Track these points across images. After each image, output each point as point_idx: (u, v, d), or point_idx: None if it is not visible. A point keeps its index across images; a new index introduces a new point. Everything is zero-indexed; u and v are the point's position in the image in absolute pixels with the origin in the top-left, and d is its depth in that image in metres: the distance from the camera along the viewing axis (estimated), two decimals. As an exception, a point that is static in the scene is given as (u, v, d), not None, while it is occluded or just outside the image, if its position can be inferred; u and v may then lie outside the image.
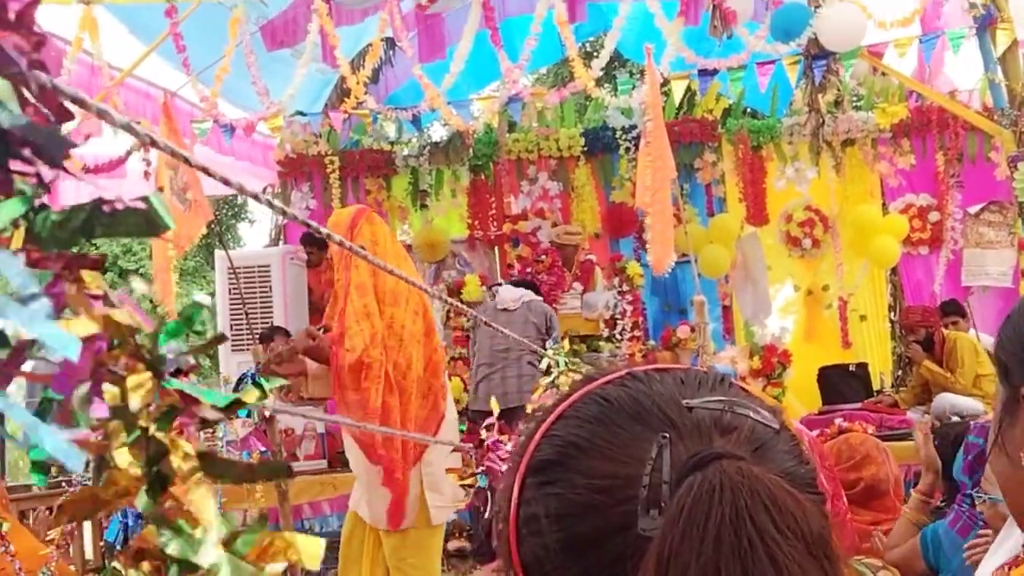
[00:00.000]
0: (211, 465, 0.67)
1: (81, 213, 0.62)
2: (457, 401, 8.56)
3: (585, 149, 11.27)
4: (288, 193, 11.35)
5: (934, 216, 11.14)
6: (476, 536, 8.12)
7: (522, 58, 8.75)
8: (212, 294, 11.38)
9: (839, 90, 10.22)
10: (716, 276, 10.82)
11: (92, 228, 0.63)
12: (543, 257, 10.21)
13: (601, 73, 9.02)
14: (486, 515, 2.42)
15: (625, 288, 10.14)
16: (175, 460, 0.66)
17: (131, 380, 0.65)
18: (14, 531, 4.35)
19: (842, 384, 9.73)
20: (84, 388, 0.61)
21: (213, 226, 8.70)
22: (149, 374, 0.67)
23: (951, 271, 11.07)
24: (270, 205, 1.62)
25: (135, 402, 0.65)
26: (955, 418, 6.97)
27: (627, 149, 11.03)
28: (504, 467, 2.43)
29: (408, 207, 11.45)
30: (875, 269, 11.34)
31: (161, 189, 7.09)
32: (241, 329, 9.47)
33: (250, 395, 0.77)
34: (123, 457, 0.65)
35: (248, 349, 8.73)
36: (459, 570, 7.60)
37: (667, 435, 0.79)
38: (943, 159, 11.10)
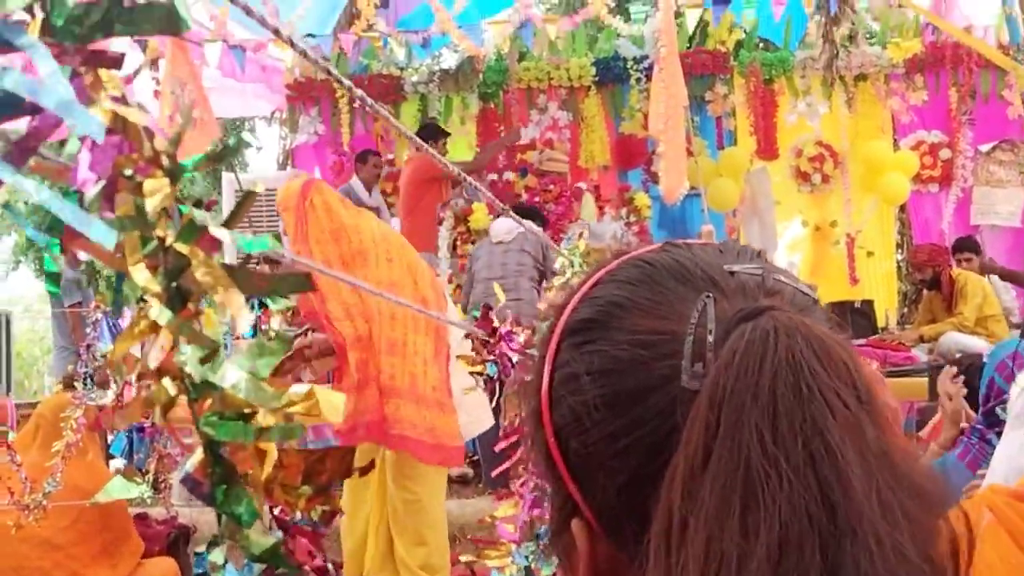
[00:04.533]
0: (234, 276, 0.65)
1: (100, 7, 0.59)
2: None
3: (596, 79, 11.15)
4: (296, 117, 11.27)
5: (945, 153, 11.05)
6: (480, 462, 8.16)
7: (535, -17, 8.66)
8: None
9: (853, 23, 10.10)
10: (724, 210, 10.76)
11: (111, 23, 0.60)
12: (551, 187, 10.15)
13: (613, 3, 8.94)
14: (493, 404, 2.42)
15: (632, 219, 10.10)
16: (197, 272, 0.64)
17: (148, 184, 0.63)
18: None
19: (847, 321, 9.73)
20: (98, 187, 0.59)
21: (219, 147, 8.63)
22: (167, 180, 0.64)
23: (960, 209, 11.01)
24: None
25: (151, 206, 0.63)
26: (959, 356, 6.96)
27: (638, 80, 10.91)
28: (516, 357, 2.43)
29: (416, 134, 11.37)
30: (884, 206, 11.28)
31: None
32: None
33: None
34: (141, 273, 0.63)
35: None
36: (462, 495, 7.63)
37: (711, 294, 0.78)
38: (956, 96, 10.99)
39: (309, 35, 9.74)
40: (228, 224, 0.68)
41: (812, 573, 0.65)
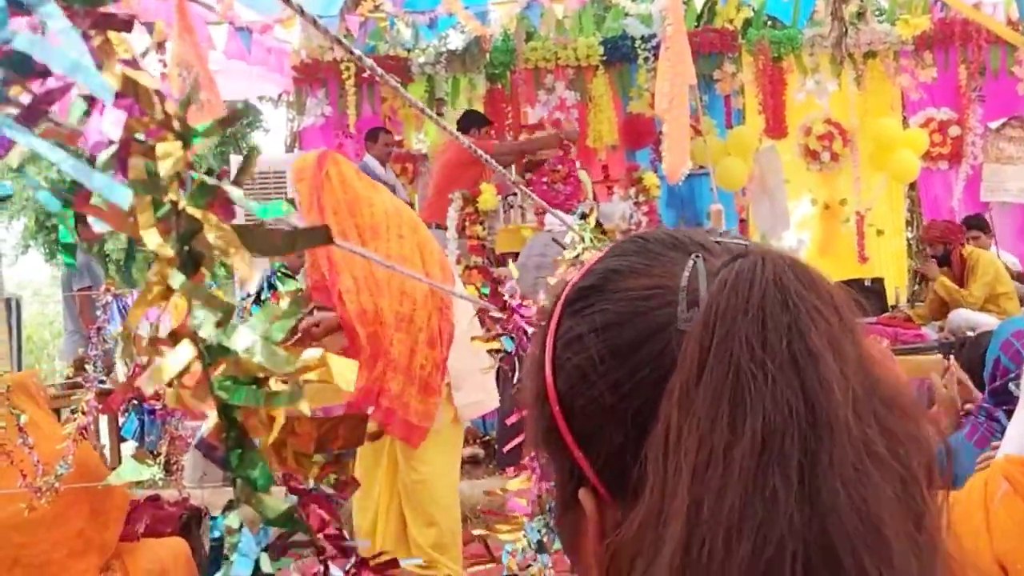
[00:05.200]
0: (249, 238, 0.65)
1: (110, -31, 0.60)
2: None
3: (604, 59, 11.13)
4: (303, 99, 11.27)
5: (955, 131, 11.01)
6: (490, 442, 8.17)
7: (541, -38, 8.63)
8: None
9: (862, 1, 10.08)
10: (733, 189, 10.75)
11: (122, -15, 0.60)
12: (559, 167, 10.13)
13: (621, -20, 8.93)
14: (513, 380, 2.42)
15: (641, 199, 10.07)
16: (209, 235, 0.63)
17: (160, 147, 0.63)
18: (33, 424, 4.35)
19: (857, 298, 9.69)
20: (111, 150, 0.59)
21: (228, 132, 8.66)
22: (179, 143, 0.64)
23: (970, 186, 10.98)
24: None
25: (163, 170, 0.63)
26: (970, 333, 6.93)
27: (646, 59, 10.88)
28: (531, 329, 2.44)
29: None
30: (893, 184, 11.25)
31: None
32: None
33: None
34: (153, 237, 0.63)
35: (264, 254, 8.72)
36: (473, 476, 7.64)
37: (700, 254, 0.84)
38: (965, 73, 10.95)
39: (316, 16, 9.74)
40: (236, 181, 0.68)
41: (792, 461, 0.69)
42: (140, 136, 0.62)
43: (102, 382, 5.29)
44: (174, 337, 0.64)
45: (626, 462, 0.81)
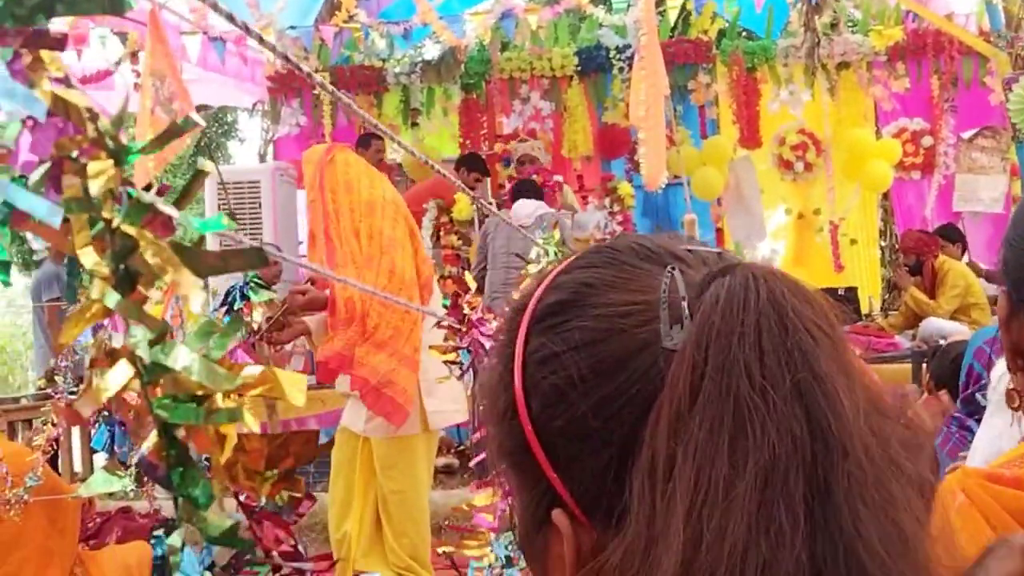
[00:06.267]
0: (185, 256, 0.64)
1: (41, -13, 0.59)
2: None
3: (578, 69, 11.14)
4: (278, 110, 11.24)
5: (927, 141, 11.07)
6: (465, 452, 8.16)
7: (516, -28, 8.65)
8: (202, 213, 11.34)
9: (835, 11, 10.13)
10: (709, 198, 10.77)
11: (52, 5, 0.59)
12: (534, 176, 10.14)
13: (596, -9, 8.96)
14: (468, 392, 2.42)
15: (616, 209, 10.10)
16: (146, 253, 0.63)
17: (92, 166, 0.62)
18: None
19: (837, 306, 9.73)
20: (43, 169, 0.58)
21: (203, 142, 8.65)
22: (111, 162, 0.63)
23: (943, 196, 11.03)
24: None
25: (95, 188, 0.62)
26: (941, 342, 6.97)
27: (620, 69, 10.89)
28: (489, 343, 2.42)
29: (399, 125, 11.34)
30: (867, 194, 11.30)
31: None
32: (230, 245, 9.44)
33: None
34: (88, 256, 0.62)
35: (237, 265, 8.72)
36: (447, 486, 7.63)
37: (675, 266, 0.81)
38: (938, 83, 11.01)
39: (290, 27, 9.72)
40: (179, 203, 0.68)
41: (797, 496, 0.68)
42: (73, 155, 0.62)
43: (72, 393, 5.26)
44: (113, 356, 0.64)
45: (606, 484, 0.78)
